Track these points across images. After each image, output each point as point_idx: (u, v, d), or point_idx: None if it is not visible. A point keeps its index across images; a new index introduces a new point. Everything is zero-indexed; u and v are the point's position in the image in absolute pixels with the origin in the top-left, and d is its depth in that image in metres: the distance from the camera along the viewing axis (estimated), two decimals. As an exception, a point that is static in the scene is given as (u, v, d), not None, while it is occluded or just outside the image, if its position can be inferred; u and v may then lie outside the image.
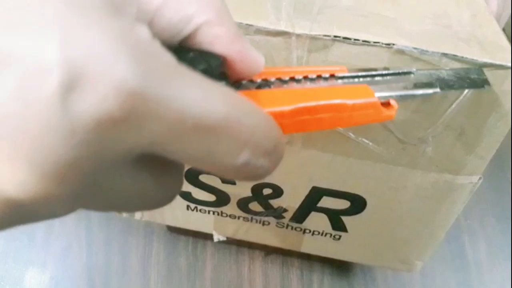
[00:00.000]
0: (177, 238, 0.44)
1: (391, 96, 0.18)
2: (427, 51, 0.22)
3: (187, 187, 0.33)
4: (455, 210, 0.29)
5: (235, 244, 0.44)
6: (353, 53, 0.23)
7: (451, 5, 0.26)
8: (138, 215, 0.38)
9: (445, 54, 0.22)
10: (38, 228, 0.45)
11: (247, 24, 0.23)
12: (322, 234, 0.34)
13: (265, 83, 0.16)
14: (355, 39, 0.23)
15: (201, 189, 0.33)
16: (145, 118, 0.10)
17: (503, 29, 0.53)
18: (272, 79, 0.16)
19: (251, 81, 0.16)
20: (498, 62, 0.22)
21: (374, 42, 0.23)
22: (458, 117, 0.24)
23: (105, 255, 0.44)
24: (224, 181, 0.31)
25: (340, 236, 0.34)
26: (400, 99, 0.19)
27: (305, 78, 0.17)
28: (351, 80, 0.18)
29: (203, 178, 0.31)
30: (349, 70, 0.19)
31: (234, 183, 0.31)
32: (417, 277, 0.44)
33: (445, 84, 0.21)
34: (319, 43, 0.23)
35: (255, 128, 0.12)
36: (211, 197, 0.33)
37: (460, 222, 0.48)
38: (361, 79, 0.19)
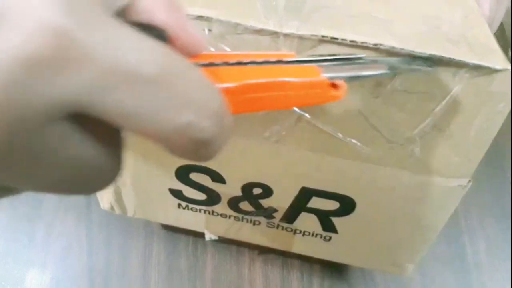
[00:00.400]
0: (177, 239, 0.45)
1: (338, 77, 0.19)
2: (414, 52, 0.22)
3: (178, 185, 0.33)
4: (445, 213, 0.29)
5: (236, 244, 0.44)
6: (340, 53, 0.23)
7: (443, 7, 0.26)
8: (130, 211, 0.38)
9: (432, 55, 0.22)
10: (38, 229, 0.45)
11: (235, 23, 0.23)
12: (312, 235, 0.34)
13: (210, 64, 0.16)
14: (342, 39, 0.23)
15: (191, 187, 0.33)
16: (73, 61, 0.09)
17: (504, 32, 0.53)
18: (218, 61, 0.16)
19: (196, 63, 0.16)
20: (486, 64, 0.22)
21: (361, 43, 0.23)
22: (445, 117, 0.24)
23: (105, 255, 0.44)
24: (214, 179, 0.31)
25: (330, 237, 0.34)
26: (349, 79, 0.19)
27: (252, 62, 0.17)
28: (298, 64, 0.18)
29: (193, 176, 0.32)
30: (298, 57, 0.19)
31: (224, 182, 0.31)
32: (417, 278, 0.44)
33: (393, 68, 0.22)
34: (307, 43, 0.23)
35: (195, 85, 0.11)
36: (202, 196, 0.33)
37: (460, 222, 0.47)
38: (309, 64, 0.19)
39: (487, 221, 0.48)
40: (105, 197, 0.37)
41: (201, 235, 0.39)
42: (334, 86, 0.18)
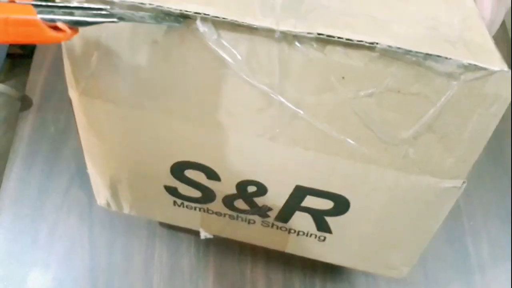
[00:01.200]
0: (179, 239, 0.45)
1: (60, 20, 0.20)
2: (410, 51, 0.22)
3: (173, 182, 0.33)
4: (439, 214, 0.29)
5: (238, 245, 0.43)
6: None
7: (442, 9, 0.26)
8: (126, 208, 0.38)
9: (429, 55, 0.22)
10: (41, 229, 0.45)
11: (232, 20, 0.23)
12: (307, 235, 0.34)
13: None
14: (338, 37, 0.23)
15: (186, 184, 0.33)
16: None
17: (506, 32, 0.53)
18: None
19: None
20: (481, 65, 0.22)
21: (358, 41, 0.23)
22: (439, 118, 0.24)
23: (107, 256, 0.44)
24: (209, 176, 0.31)
25: (325, 238, 0.34)
26: (74, 24, 0.20)
27: None
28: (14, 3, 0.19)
29: (188, 173, 0.32)
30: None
31: (219, 180, 0.31)
32: (420, 279, 0.44)
33: (130, 18, 0.22)
34: (303, 40, 0.23)
35: None
36: (197, 193, 0.33)
37: (463, 223, 0.47)
38: (26, 4, 0.19)
39: (491, 222, 0.48)
40: (101, 193, 0.37)
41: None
42: (55, 28, 0.19)
